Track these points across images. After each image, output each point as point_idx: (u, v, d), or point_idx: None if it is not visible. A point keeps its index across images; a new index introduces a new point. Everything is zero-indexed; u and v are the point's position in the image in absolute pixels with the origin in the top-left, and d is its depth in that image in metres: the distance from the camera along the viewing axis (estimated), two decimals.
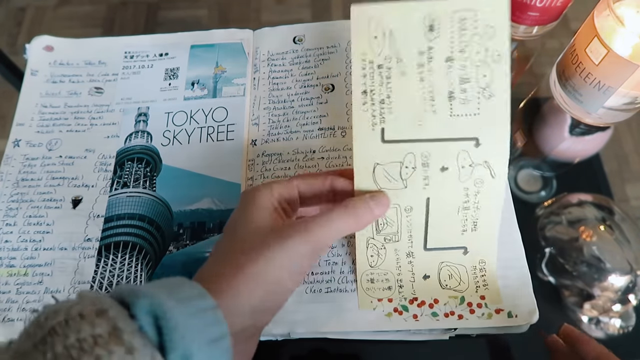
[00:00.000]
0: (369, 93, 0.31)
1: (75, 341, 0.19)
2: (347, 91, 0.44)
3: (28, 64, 0.48)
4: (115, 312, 0.20)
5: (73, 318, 0.20)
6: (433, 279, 0.35)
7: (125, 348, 0.19)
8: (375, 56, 0.31)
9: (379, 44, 0.31)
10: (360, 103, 0.31)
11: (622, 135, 0.52)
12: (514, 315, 0.34)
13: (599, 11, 0.41)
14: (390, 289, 0.35)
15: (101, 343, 0.19)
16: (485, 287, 0.35)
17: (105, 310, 0.20)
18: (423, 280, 0.35)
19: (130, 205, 0.41)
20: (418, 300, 0.35)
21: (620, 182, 0.51)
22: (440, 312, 0.34)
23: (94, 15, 0.65)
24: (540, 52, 0.55)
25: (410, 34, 0.30)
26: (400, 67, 0.31)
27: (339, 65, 0.45)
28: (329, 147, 0.42)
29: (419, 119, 0.31)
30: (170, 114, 0.45)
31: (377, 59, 0.31)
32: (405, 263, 0.35)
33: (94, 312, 0.20)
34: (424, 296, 0.35)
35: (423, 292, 0.35)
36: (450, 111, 0.31)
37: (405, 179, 0.32)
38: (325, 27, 0.48)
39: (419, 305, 0.35)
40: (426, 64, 0.31)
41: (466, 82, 0.31)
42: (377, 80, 0.31)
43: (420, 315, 0.34)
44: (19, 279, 0.38)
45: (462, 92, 0.31)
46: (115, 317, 0.20)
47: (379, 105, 0.31)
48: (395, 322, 0.34)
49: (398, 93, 0.31)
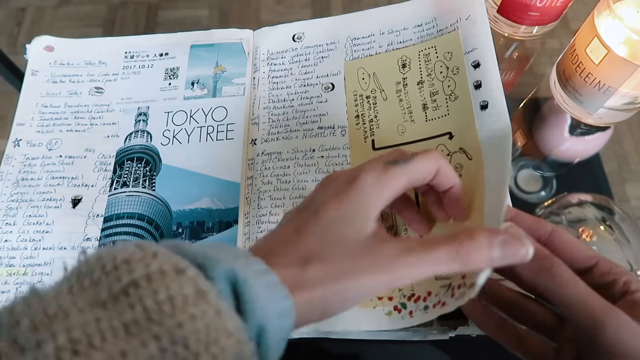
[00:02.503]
0: (360, 116, 0.42)
1: (165, 297, 0.18)
2: (346, 92, 0.44)
3: (28, 64, 0.48)
4: (194, 273, 0.19)
5: (154, 273, 0.19)
6: None
7: (214, 310, 0.19)
8: (363, 91, 0.43)
9: (366, 82, 0.43)
10: (354, 124, 0.42)
11: (622, 135, 0.52)
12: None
13: (599, 11, 0.41)
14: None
15: (191, 302, 0.18)
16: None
17: (184, 269, 0.19)
18: None
19: (129, 204, 0.41)
20: (415, 296, 0.35)
21: (620, 182, 0.50)
22: (430, 304, 0.33)
23: (94, 15, 0.65)
24: (540, 52, 0.55)
25: (389, 72, 0.42)
26: (383, 95, 0.42)
27: (339, 63, 0.45)
28: (328, 146, 0.41)
29: (401, 128, 0.40)
30: (170, 113, 0.45)
31: (364, 92, 0.43)
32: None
33: (174, 270, 0.19)
34: (421, 291, 0.34)
35: (420, 287, 0.34)
36: (425, 118, 0.39)
37: None
38: (324, 23, 0.48)
39: (415, 301, 0.34)
40: (402, 89, 0.41)
41: (435, 95, 0.40)
42: (366, 107, 0.42)
43: (414, 311, 0.34)
44: (18, 278, 0.38)
45: (433, 102, 0.39)
46: (195, 278, 0.19)
47: (368, 124, 0.41)
48: (394, 320, 0.34)
49: (383, 113, 0.41)
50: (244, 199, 0.41)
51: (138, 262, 0.19)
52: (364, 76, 0.43)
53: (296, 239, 0.25)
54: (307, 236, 0.25)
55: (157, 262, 0.19)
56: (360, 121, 0.41)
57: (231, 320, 0.19)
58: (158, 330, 0.17)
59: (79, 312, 0.18)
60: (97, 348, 0.17)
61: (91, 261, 0.20)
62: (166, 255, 0.20)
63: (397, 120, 0.40)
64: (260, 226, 0.39)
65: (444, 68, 0.40)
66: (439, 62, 0.41)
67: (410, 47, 0.43)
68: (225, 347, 0.18)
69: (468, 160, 0.36)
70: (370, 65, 0.44)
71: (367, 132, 0.41)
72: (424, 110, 0.39)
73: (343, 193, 0.25)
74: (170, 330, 0.18)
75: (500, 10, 0.50)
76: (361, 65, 0.44)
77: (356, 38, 0.46)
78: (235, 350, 0.18)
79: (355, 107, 0.42)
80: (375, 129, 0.41)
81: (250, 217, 0.40)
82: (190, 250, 0.21)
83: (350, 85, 0.43)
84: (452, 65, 0.40)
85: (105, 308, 0.18)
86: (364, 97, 0.42)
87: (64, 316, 0.18)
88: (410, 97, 0.41)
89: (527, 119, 0.52)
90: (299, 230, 0.25)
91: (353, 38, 0.46)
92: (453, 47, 0.41)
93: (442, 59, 0.41)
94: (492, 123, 0.36)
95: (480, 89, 0.38)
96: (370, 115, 0.41)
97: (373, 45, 0.45)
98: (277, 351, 0.22)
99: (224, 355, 0.18)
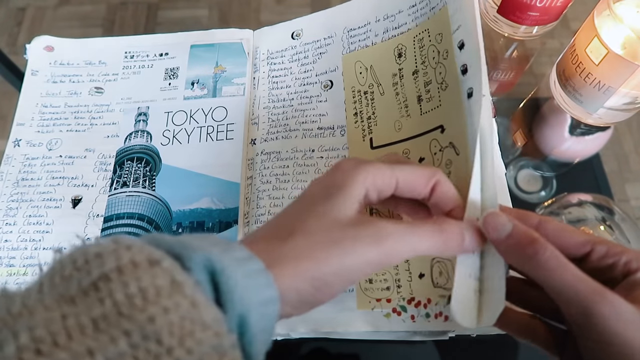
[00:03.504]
0: (359, 114, 0.42)
1: (137, 290, 0.17)
2: (345, 87, 0.44)
3: (28, 64, 0.48)
4: (169, 264, 0.19)
5: (125, 265, 0.18)
6: (427, 277, 0.34)
7: (189, 301, 0.18)
8: (361, 86, 0.43)
9: (364, 77, 0.43)
10: (353, 122, 0.42)
11: (622, 135, 0.52)
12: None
13: (599, 11, 0.41)
14: (389, 289, 0.35)
15: (164, 294, 0.17)
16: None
17: (158, 260, 0.19)
18: (419, 280, 0.35)
19: (129, 204, 0.41)
20: (415, 301, 0.34)
21: (620, 182, 0.51)
22: (432, 313, 0.33)
23: (94, 15, 0.65)
24: (540, 52, 0.55)
25: (385, 64, 0.42)
26: (380, 89, 0.42)
27: (336, 57, 0.45)
28: (328, 147, 0.41)
29: (397, 125, 0.40)
30: (170, 113, 0.45)
31: (362, 87, 0.43)
32: (402, 262, 0.35)
33: (147, 261, 0.18)
34: (420, 296, 0.34)
35: (419, 292, 0.34)
36: (420, 111, 0.39)
37: None
38: (321, 17, 0.47)
39: (416, 305, 0.34)
40: (399, 81, 0.41)
41: (429, 84, 0.39)
42: (364, 103, 0.42)
43: (417, 316, 0.34)
44: (18, 278, 0.38)
45: (427, 93, 0.39)
46: (170, 268, 0.18)
47: (367, 122, 0.41)
48: (393, 322, 0.34)
49: (380, 109, 0.41)
50: (243, 199, 0.41)
51: (110, 254, 0.18)
52: (361, 70, 0.43)
53: (280, 220, 0.25)
54: (291, 215, 0.25)
55: (129, 254, 0.18)
56: (358, 119, 0.42)
57: (208, 312, 0.18)
58: (128, 325, 0.17)
59: (45, 310, 0.17)
60: (62, 347, 0.16)
61: (64, 258, 0.19)
62: (140, 246, 0.19)
63: (394, 116, 0.40)
64: (260, 226, 0.39)
65: (436, 53, 0.39)
66: (431, 47, 0.39)
67: (405, 34, 0.42)
68: (201, 340, 0.17)
69: (456, 156, 0.35)
70: (367, 58, 0.43)
71: (365, 130, 0.41)
72: (419, 103, 0.39)
73: (326, 175, 0.26)
74: (141, 324, 0.17)
75: (500, 10, 0.50)
76: (358, 59, 0.44)
77: (352, 29, 0.45)
78: (213, 342, 0.18)
79: (353, 104, 0.42)
80: (373, 126, 0.41)
81: (250, 216, 0.40)
82: (167, 241, 0.20)
83: (349, 81, 0.43)
84: (442, 48, 0.38)
85: (74, 304, 0.17)
86: (362, 93, 0.42)
87: (28, 314, 0.17)
88: (406, 90, 0.40)
89: (527, 119, 0.52)
90: (284, 213, 0.26)
91: (350, 29, 0.46)
92: (443, 27, 0.38)
93: (434, 42, 0.39)
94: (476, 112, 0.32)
95: (466, 74, 0.35)
96: (368, 112, 0.41)
97: (369, 35, 0.44)
98: (262, 341, 0.21)
99: (200, 349, 0.17)
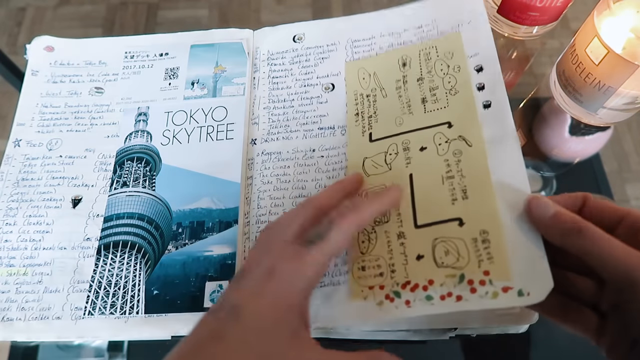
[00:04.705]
0: (360, 114, 0.42)
1: None
2: (347, 91, 0.44)
3: (28, 64, 0.48)
4: None
5: None
6: (427, 258, 0.32)
7: None
8: (363, 90, 0.43)
9: (367, 82, 0.43)
10: (354, 121, 0.42)
11: (622, 135, 0.52)
12: (525, 293, 0.28)
13: (599, 11, 0.41)
14: (382, 275, 0.33)
15: None
16: (490, 260, 0.30)
17: None
18: (416, 261, 0.32)
19: (129, 204, 0.41)
20: (411, 284, 0.32)
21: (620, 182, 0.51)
22: (436, 295, 0.30)
23: (94, 15, 0.65)
24: (540, 52, 0.55)
25: (389, 71, 0.43)
26: (382, 93, 0.42)
27: (339, 63, 0.45)
28: (328, 146, 0.42)
29: (399, 120, 0.40)
30: (170, 113, 0.45)
31: (365, 91, 0.43)
32: (396, 245, 0.33)
33: None
34: (418, 278, 0.32)
35: (417, 275, 0.32)
36: (424, 110, 0.39)
37: (389, 163, 0.38)
38: (324, 25, 0.48)
39: (411, 289, 0.31)
40: (402, 86, 0.41)
41: (435, 89, 0.40)
42: (366, 105, 0.42)
43: (413, 301, 0.31)
44: (18, 278, 0.38)
45: (432, 96, 0.40)
46: None
47: (367, 120, 0.41)
48: (386, 310, 0.31)
49: (382, 109, 0.41)
50: (243, 199, 0.41)
51: None
52: (364, 76, 0.44)
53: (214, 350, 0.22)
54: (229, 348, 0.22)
55: None
56: (359, 118, 0.42)
57: None
58: None
59: None
60: None
61: None
62: None
63: (395, 114, 0.40)
64: (260, 226, 0.39)
65: (445, 66, 0.40)
66: (439, 61, 0.41)
67: (410, 47, 0.43)
68: None
69: (468, 147, 0.36)
70: (371, 66, 0.44)
71: (365, 127, 0.41)
72: (423, 103, 0.40)
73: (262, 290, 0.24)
74: None
75: (500, 10, 0.50)
76: (362, 66, 0.44)
77: (357, 40, 0.46)
78: None
79: (355, 105, 0.43)
80: (374, 123, 0.41)
81: (250, 216, 0.40)
82: None
83: (351, 85, 0.44)
84: (453, 64, 0.40)
85: None
86: (364, 96, 0.43)
87: None
88: (409, 93, 0.41)
89: (527, 119, 0.52)
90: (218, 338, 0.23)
91: (354, 40, 0.46)
92: (455, 48, 0.41)
93: (442, 58, 0.41)
94: (495, 122, 0.36)
95: (483, 90, 0.38)
96: (369, 112, 0.42)
97: (373, 47, 0.45)
98: None
99: None
